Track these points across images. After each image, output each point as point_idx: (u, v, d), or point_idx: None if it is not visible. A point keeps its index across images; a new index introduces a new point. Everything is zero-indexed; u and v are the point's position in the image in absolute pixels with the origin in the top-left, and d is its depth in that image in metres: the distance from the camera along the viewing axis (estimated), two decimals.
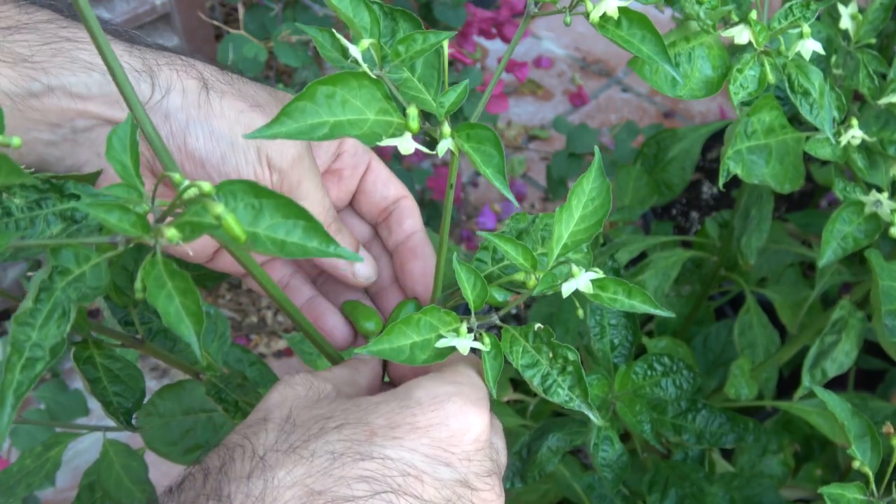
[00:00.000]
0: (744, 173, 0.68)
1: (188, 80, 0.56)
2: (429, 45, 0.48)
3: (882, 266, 0.72)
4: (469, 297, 0.54)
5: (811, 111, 0.62)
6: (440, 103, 0.49)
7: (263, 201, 0.39)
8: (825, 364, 0.82)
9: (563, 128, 1.64)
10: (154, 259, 0.40)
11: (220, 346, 0.89)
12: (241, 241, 0.38)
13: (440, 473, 0.47)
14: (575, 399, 0.54)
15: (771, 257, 1.16)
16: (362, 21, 0.48)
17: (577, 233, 0.54)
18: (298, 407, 0.50)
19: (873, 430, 0.64)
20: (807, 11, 0.59)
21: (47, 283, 0.43)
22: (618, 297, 0.54)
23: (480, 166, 0.48)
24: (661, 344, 0.95)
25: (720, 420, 0.80)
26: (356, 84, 0.45)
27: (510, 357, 0.54)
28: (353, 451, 0.46)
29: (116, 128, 0.42)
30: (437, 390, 0.50)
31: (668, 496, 0.83)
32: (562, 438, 0.80)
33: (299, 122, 0.44)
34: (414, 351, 0.52)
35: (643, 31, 0.51)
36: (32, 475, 0.82)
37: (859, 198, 0.70)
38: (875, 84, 0.71)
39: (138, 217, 0.40)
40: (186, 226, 0.39)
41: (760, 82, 0.61)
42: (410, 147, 0.47)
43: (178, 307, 0.40)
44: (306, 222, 0.40)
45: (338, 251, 0.40)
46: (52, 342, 0.43)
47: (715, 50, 0.61)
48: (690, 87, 0.60)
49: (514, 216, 0.61)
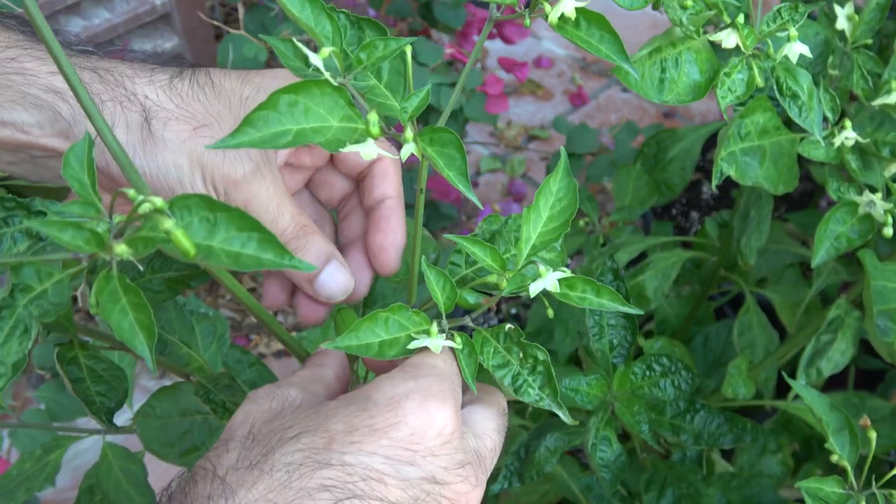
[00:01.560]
0: (737, 175, 0.68)
1: (131, 114, 0.55)
2: (389, 50, 0.49)
3: (875, 266, 0.72)
4: (439, 299, 0.54)
5: (800, 114, 0.62)
6: (403, 108, 0.49)
7: (218, 214, 0.40)
8: (821, 363, 0.82)
9: (563, 128, 1.64)
10: (109, 274, 0.40)
11: (219, 348, 0.90)
12: (191, 255, 0.38)
13: (404, 473, 0.47)
14: (545, 398, 0.54)
15: (770, 257, 1.16)
16: (324, 30, 0.49)
17: (546, 233, 0.55)
18: (260, 421, 0.49)
19: (851, 423, 0.65)
20: (795, 14, 0.59)
21: (9, 301, 0.43)
22: (586, 296, 0.54)
23: (443, 169, 0.48)
24: (657, 345, 0.95)
25: (718, 421, 0.80)
26: (318, 92, 0.46)
27: (481, 357, 0.55)
28: (311, 461, 0.45)
29: (74, 146, 0.43)
30: (394, 390, 0.49)
31: (665, 496, 0.83)
32: (560, 438, 0.80)
33: (262, 132, 0.45)
34: (383, 348, 0.52)
35: (601, 31, 0.52)
36: (32, 479, 0.83)
37: (853, 198, 0.70)
38: (869, 85, 0.71)
39: (92, 234, 0.40)
40: (139, 241, 0.39)
41: (748, 86, 0.61)
42: (373, 152, 0.48)
43: (132, 322, 0.40)
44: (260, 234, 0.40)
45: (292, 263, 0.40)
46: (13, 359, 0.44)
47: (703, 54, 0.61)
48: (677, 91, 0.60)
49: (486, 218, 0.62)
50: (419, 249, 0.57)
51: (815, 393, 0.65)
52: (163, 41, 1.58)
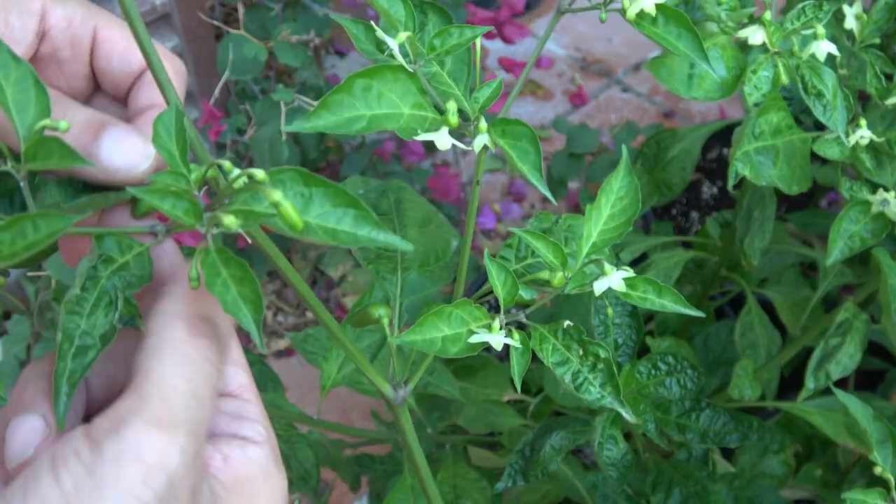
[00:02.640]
0: (752, 175, 0.68)
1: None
2: (465, 39, 0.48)
3: (890, 265, 0.72)
4: (500, 293, 0.54)
5: (824, 112, 0.62)
6: (475, 98, 0.49)
7: (313, 189, 0.40)
8: (829, 367, 0.82)
9: (563, 128, 1.64)
10: (207, 248, 0.40)
11: None
12: (299, 228, 0.38)
13: None
14: (607, 396, 0.54)
15: (772, 257, 1.16)
16: (397, 14, 0.48)
17: (606, 231, 0.54)
18: None
19: (894, 434, 0.64)
20: (819, 12, 0.59)
21: (93, 272, 0.43)
22: (648, 296, 0.54)
23: (517, 162, 0.48)
24: (664, 344, 0.95)
25: (724, 419, 0.80)
26: (392, 77, 0.46)
27: (540, 354, 0.54)
28: None
29: (161, 116, 0.41)
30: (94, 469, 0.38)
31: (672, 495, 0.83)
32: (565, 437, 0.80)
33: (337, 116, 0.44)
34: (445, 344, 0.52)
35: (679, 28, 0.51)
36: None
37: (866, 197, 0.70)
38: (882, 84, 0.71)
39: (192, 204, 0.39)
40: (241, 214, 0.39)
41: (774, 83, 0.61)
42: (448, 142, 0.47)
43: (235, 295, 0.40)
44: (356, 210, 0.40)
45: (387, 239, 0.40)
46: (101, 330, 0.43)
47: (729, 51, 0.60)
48: (705, 88, 0.60)
49: (537, 216, 0.61)
50: (469, 243, 0.57)
51: (858, 403, 0.64)
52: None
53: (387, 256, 0.65)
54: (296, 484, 1.02)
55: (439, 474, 0.91)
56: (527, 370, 0.54)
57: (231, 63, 1.40)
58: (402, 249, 0.41)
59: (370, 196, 0.68)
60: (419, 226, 0.66)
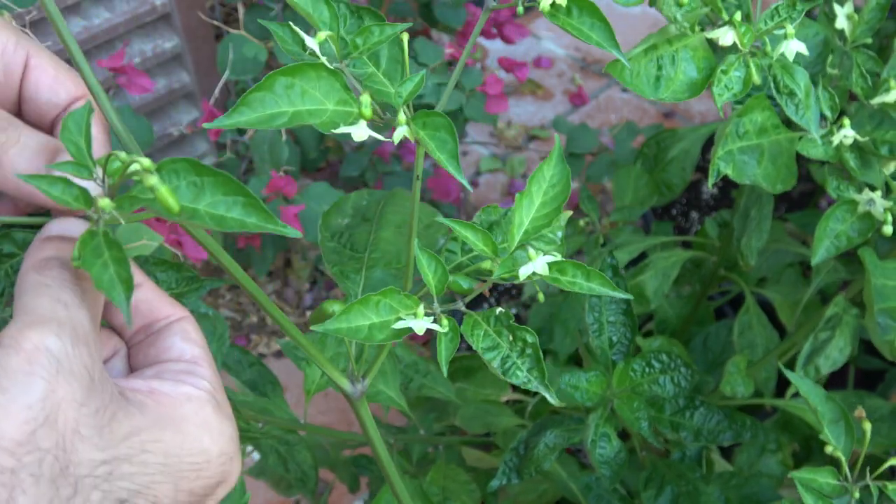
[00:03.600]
0: (735, 174, 0.68)
1: None
2: (385, 36, 0.50)
3: (875, 264, 0.73)
4: (430, 282, 0.55)
5: (797, 111, 0.62)
6: (398, 93, 0.50)
7: (205, 179, 0.41)
8: (819, 360, 0.83)
9: (563, 128, 1.65)
10: (94, 231, 0.41)
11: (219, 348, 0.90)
12: (175, 211, 0.39)
13: None
14: (533, 380, 0.55)
15: (770, 257, 1.16)
16: (321, 16, 0.50)
17: (538, 219, 0.55)
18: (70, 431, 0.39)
19: (847, 414, 0.65)
20: (792, 12, 0.59)
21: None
22: (577, 280, 0.54)
23: (434, 152, 0.49)
24: (655, 344, 0.95)
25: (718, 417, 0.80)
26: (315, 75, 0.47)
27: (471, 340, 0.55)
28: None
29: (73, 112, 0.43)
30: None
31: (664, 494, 0.83)
32: (559, 435, 0.80)
33: (258, 112, 0.46)
34: (372, 331, 0.53)
35: (592, 18, 0.53)
36: None
37: (853, 196, 0.71)
38: (868, 84, 0.71)
39: (81, 191, 0.41)
40: (125, 200, 0.41)
41: (745, 83, 0.61)
42: (364, 134, 0.49)
43: (112, 275, 0.41)
44: (245, 199, 0.41)
45: (277, 227, 0.41)
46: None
47: (700, 52, 0.61)
48: (673, 89, 0.60)
49: (484, 208, 0.62)
50: (415, 234, 0.57)
51: (810, 384, 0.65)
52: (163, 41, 1.59)
53: (353, 258, 0.67)
54: (294, 485, 1.02)
55: (430, 475, 0.92)
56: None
57: (231, 63, 1.40)
58: (289, 236, 0.42)
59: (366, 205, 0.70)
60: (395, 227, 0.67)
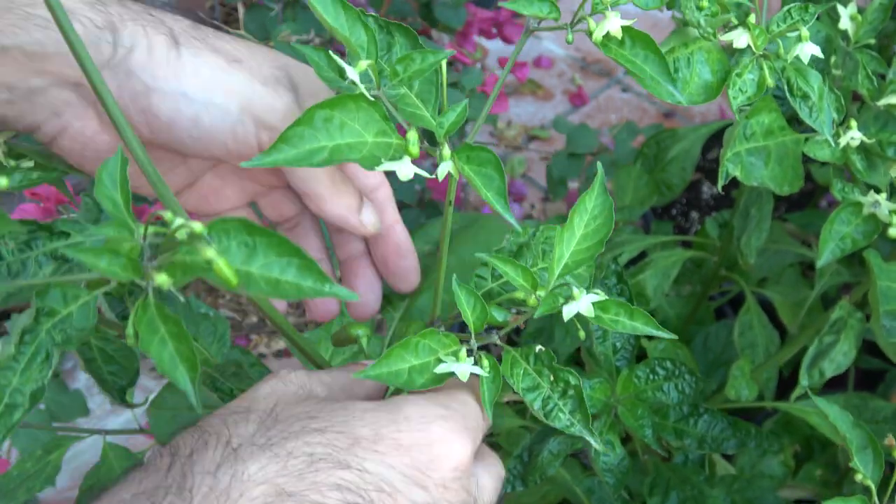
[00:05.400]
0: (742, 175, 0.67)
1: (156, 35, 0.52)
2: (427, 64, 0.48)
3: (880, 266, 0.72)
4: (469, 319, 0.53)
5: (810, 114, 0.62)
6: (440, 123, 0.48)
7: (257, 239, 0.39)
8: (823, 364, 0.82)
9: (563, 128, 1.64)
10: (146, 303, 0.39)
11: (219, 348, 0.89)
12: (233, 285, 0.37)
13: (414, 495, 0.46)
14: (576, 424, 0.53)
15: (771, 257, 1.16)
16: (359, 40, 0.47)
17: (579, 252, 0.53)
18: (284, 402, 0.48)
19: (874, 441, 0.64)
20: (805, 14, 0.59)
21: (31, 326, 0.42)
22: (619, 319, 0.53)
23: (482, 190, 0.47)
24: (660, 346, 0.94)
25: (722, 425, 0.79)
26: (354, 106, 0.45)
27: (510, 380, 0.53)
28: (332, 458, 0.45)
29: (107, 162, 0.41)
30: (426, 410, 0.49)
31: (670, 499, 0.83)
32: (563, 442, 0.79)
33: (298, 148, 0.43)
34: (412, 375, 0.51)
35: (646, 51, 0.51)
36: (33, 479, 0.82)
37: (858, 198, 0.70)
38: (874, 85, 0.70)
39: (129, 260, 0.39)
40: (178, 269, 0.38)
41: (759, 86, 0.60)
42: (410, 172, 0.46)
43: (172, 352, 0.39)
44: (300, 260, 0.39)
45: (332, 290, 0.39)
46: (32, 387, 0.42)
47: (714, 54, 0.60)
48: (689, 92, 0.60)
49: (513, 231, 0.60)
50: (444, 263, 0.56)
51: (837, 410, 0.64)
52: None
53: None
54: None
55: None
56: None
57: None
58: (344, 299, 0.40)
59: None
60: (457, 254, 0.65)
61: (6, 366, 0.41)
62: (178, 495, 0.42)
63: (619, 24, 0.50)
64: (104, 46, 0.51)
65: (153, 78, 0.52)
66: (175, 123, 0.52)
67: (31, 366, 0.42)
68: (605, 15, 0.50)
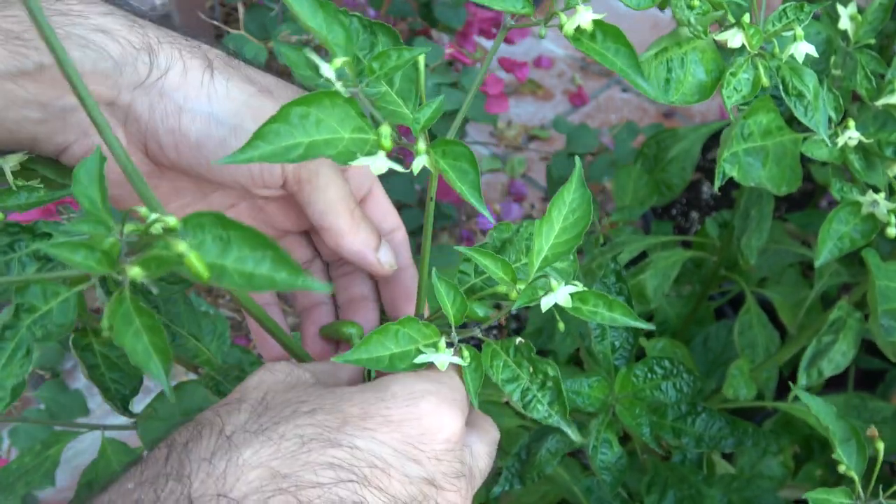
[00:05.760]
0: (740, 176, 0.68)
1: (191, 59, 0.54)
2: (402, 61, 0.48)
3: (879, 266, 0.72)
4: (449, 312, 0.54)
5: (805, 113, 0.62)
6: (416, 119, 0.48)
7: (231, 233, 0.39)
8: (822, 364, 0.82)
9: (563, 128, 1.64)
10: (122, 296, 0.39)
11: (219, 346, 0.89)
12: (204, 278, 0.37)
13: (408, 469, 0.47)
14: (554, 415, 0.54)
15: (771, 257, 1.16)
16: (336, 39, 0.48)
17: (558, 245, 0.54)
18: (274, 391, 0.50)
19: (858, 433, 0.64)
20: (801, 14, 0.59)
21: (12, 322, 0.42)
22: (598, 310, 0.54)
23: (456, 182, 0.48)
24: (658, 345, 0.95)
25: (719, 424, 0.79)
26: (329, 103, 0.45)
27: (490, 372, 0.54)
28: (322, 438, 0.46)
29: (85, 161, 0.41)
30: (413, 386, 0.50)
31: (667, 497, 0.83)
32: (561, 440, 0.80)
33: (274, 145, 0.44)
34: (394, 361, 0.52)
35: (616, 44, 0.51)
36: (32, 473, 0.82)
37: (856, 198, 0.70)
38: (873, 85, 0.70)
39: (104, 254, 0.39)
40: (152, 262, 0.38)
41: (754, 86, 0.60)
42: (384, 167, 0.47)
43: (147, 344, 0.39)
44: (273, 253, 0.39)
45: (305, 283, 0.39)
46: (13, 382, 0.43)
47: (708, 54, 0.60)
48: (683, 91, 0.60)
49: (497, 226, 0.61)
50: (427, 259, 0.56)
51: (821, 402, 0.64)
52: None
53: None
54: None
55: None
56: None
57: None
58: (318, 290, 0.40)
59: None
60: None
61: None
62: (177, 481, 0.43)
63: (589, 17, 0.51)
64: (140, 66, 0.52)
65: (185, 99, 0.53)
66: (203, 146, 0.53)
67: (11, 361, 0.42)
68: (577, 9, 0.51)
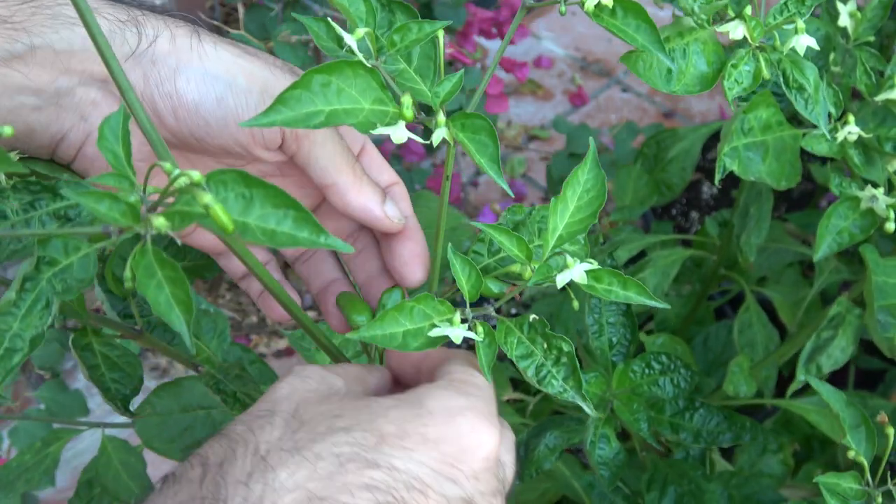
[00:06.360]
0: (740, 170, 0.68)
1: (177, 28, 0.54)
2: (423, 34, 0.48)
3: (876, 262, 0.73)
4: (464, 287, 0.54)
5: (806, 106, 0.62)
6: (435, 93, 0.49)
7: (254, 191, 0.39)
8: (820, 359, 0.82)
9: (563, 128, 1.64)
10: (144, 248, 0.40)
11: (219, 344, 0.90)
12: (229, 230, 0.38)
13: (446, 490, 0.46)
14: (569, 390, 0.54)
15: (771, 256, 1.16)
16: (358, 11, 0.49)
17: (572, 224, 0.54)
18: (306, 402, 0.48)
19: (867, 420, 0.65)
20: (802, 7, 0.59)
21: (33, 274, 0.43)
22: (613, 289, 0.54)
23: (475, 155, 0.48)
24: (658, 341, 0.94)
25: (717, 419, 0.79)
26: (351, 73, 0.46)
27: (505, 348, 0.54)
28: (360, 458, 0.44)
29: (109, 117, 0.42)
30: (450, 402, 0.49)
31: (667, 494, 0.83)
32: (559, 436, 0.80)
33: (295, 111, 0.44)
34: (406, 338, 0.52)
35: (637, 20, 0.51)
36: (31, 471, 0.82)
37: (855, 193, 0.70)
38: (872, 81, 0.71)
39: (128, 206, 0.39)
40: (175, 215, 0.39)
41: (755, 78, 0.61)
42: (403, 136, 0.47)
43: (168, 296, 0.39)
44: (296, 212, 0.39)
45: (328, 241, 0.39)
46: (32, 333, 0.43)
47: (710, 45, 0.60)
48: (685, 82, 0.60)
49: (510, 208, 0.61)
50: (442, 236, 0.57)
51: (831, 389, 0.65)
52: None
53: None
54: None
55: None
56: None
57: None
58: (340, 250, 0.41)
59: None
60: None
61: (7, 311, 0.42)
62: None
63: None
64: (129, 37, 0.53)
65: (178, 62, 0.53)
66: (201, 105, 0.53)
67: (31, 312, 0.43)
68: None
